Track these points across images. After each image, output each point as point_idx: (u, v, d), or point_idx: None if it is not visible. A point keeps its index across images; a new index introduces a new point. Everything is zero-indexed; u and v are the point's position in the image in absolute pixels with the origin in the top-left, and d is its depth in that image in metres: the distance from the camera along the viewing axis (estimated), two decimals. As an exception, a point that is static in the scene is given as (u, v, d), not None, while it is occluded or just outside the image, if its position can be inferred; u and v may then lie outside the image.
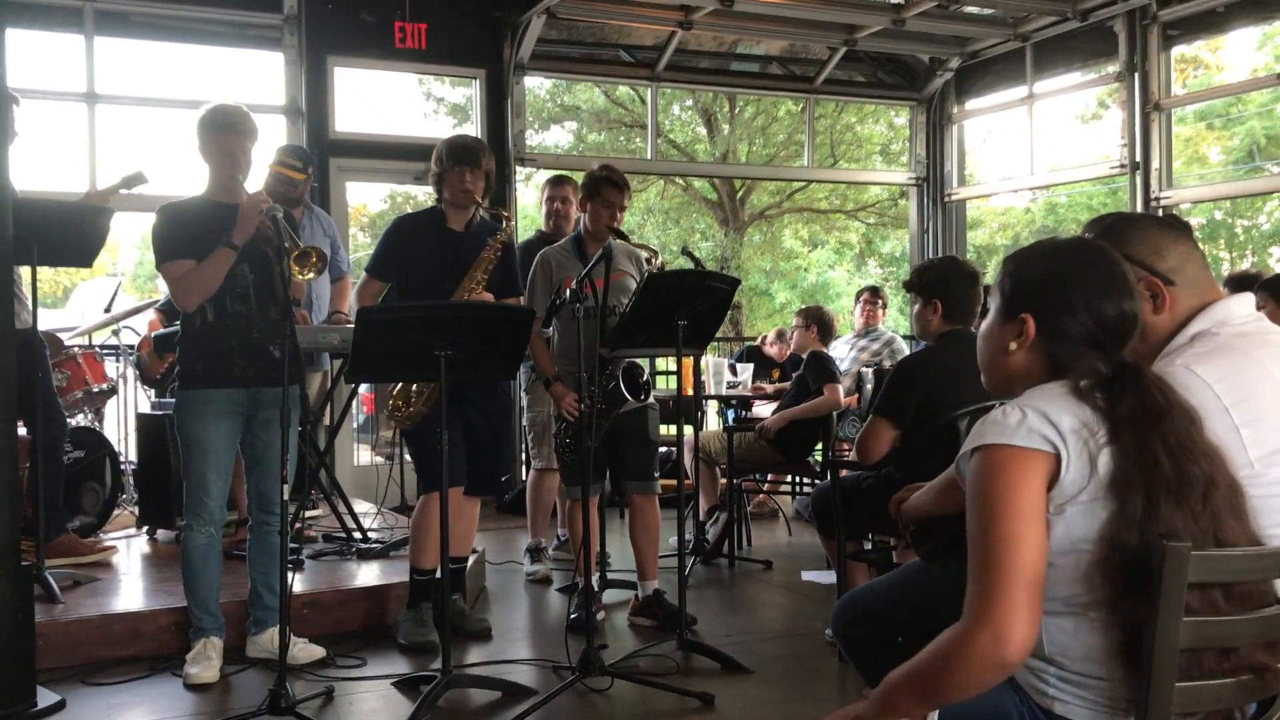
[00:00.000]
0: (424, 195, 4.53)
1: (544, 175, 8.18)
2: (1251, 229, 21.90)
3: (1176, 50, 8.64)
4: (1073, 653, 1.73)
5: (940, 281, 3.97)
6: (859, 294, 7.89)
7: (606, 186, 4.72)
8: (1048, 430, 1.70)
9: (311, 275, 3.89)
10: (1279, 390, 1.93)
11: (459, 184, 4.39)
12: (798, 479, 7.00)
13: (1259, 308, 2.18)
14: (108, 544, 5.29)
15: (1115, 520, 1.67)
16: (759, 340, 8.14)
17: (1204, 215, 20.45)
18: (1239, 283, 4.81)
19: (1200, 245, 2.24)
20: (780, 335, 7.81)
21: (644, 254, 5.09)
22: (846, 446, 6.58)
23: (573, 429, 4.55)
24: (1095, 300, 1.81)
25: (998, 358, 1.91)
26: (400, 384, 4.37)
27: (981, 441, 1.73)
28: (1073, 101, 18.99)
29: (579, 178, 5.87)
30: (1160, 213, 7.93)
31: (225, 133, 3.95)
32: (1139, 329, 1.87)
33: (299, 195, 5.66)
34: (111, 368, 6.54)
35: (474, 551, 5.07)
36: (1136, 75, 8.11)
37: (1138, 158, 8.16)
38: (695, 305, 4.23)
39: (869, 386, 6.21)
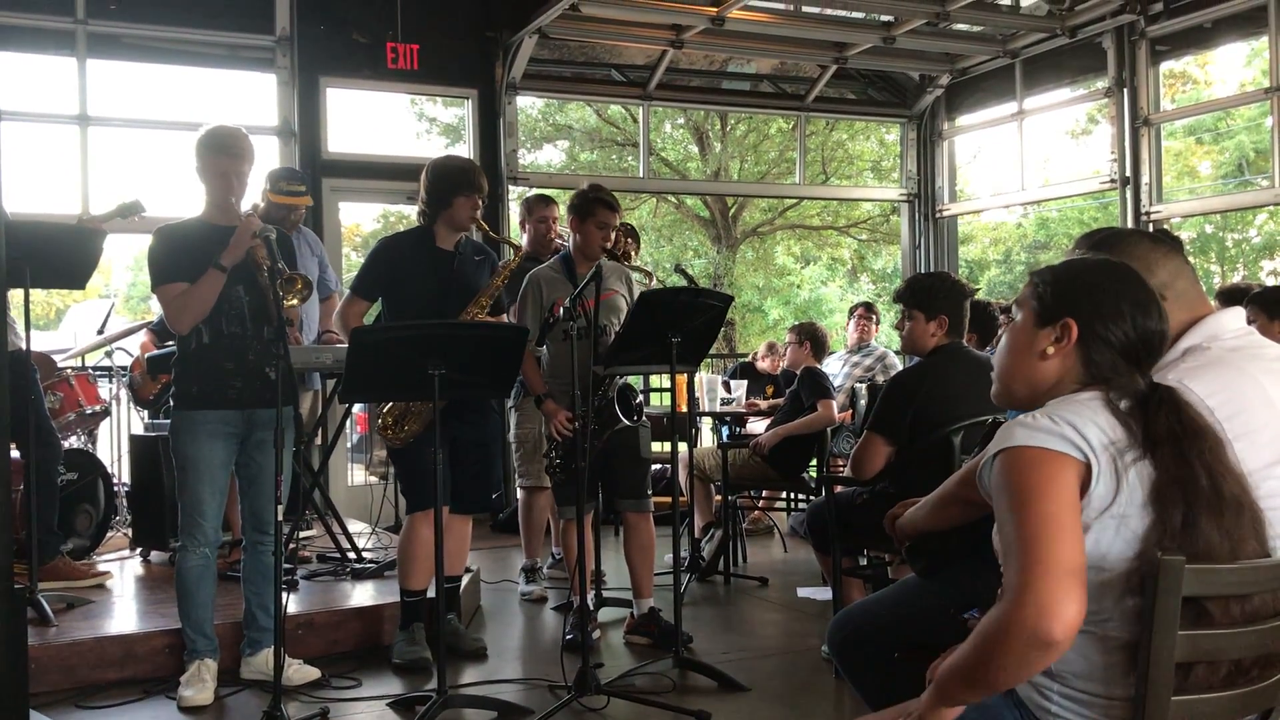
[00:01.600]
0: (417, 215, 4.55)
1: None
2: (1242, 242, 22.01)
3: (1165, 66, 8.71)
4: (1079, 669, 1.73)
5: (946, 296, 3.98)
6: (853, 309, 7.91)
7: (601, 208, 4.69)
8: (1078, 439, 1.69)
9: (296, 302, 3.89)
10: (1271, 404, 1.94)
11: (470, 211, 4.39)
12: (792, 495, 7.00)
13: (1249, 322, 2.19)
14: (102, 569, 5.26)
15: (1153, 533, 1.66)
16: (750, 356, 8.15)
17: (1194, 229, 20.55)
18: (1230, 296, 4.83)
19: (1191, 259, 2.26)
20: (771, 349, 7.83)
21: (638, 276, 5.09)
22: (841, 462, 6.58)
23: (561, 448, 4.55)
24: (1139, 313, 1.81)
25: (1028, 362, 1.87)
26: (390, 404, 4.37)
27: (1009, 444, 1.71)
28: (1063, 117, 19.11)
29: (561, 196, 5.85)
30: (1151, 227, 7.98)
31: (222, 155, 3.95)
32: (1162, 353, 1.87)
33: (299, 218, 5.66)
34: (105, 389, 6.52)
35: (468, 570, 5.06)
36: (1125, 91, 8.16)
37: (1128, 172, 8.20)
38: (689, 322, 4.23)
39: (862, 402, 6.23)
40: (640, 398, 4.65)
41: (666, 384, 4.75)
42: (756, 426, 6.98)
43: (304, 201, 5.64)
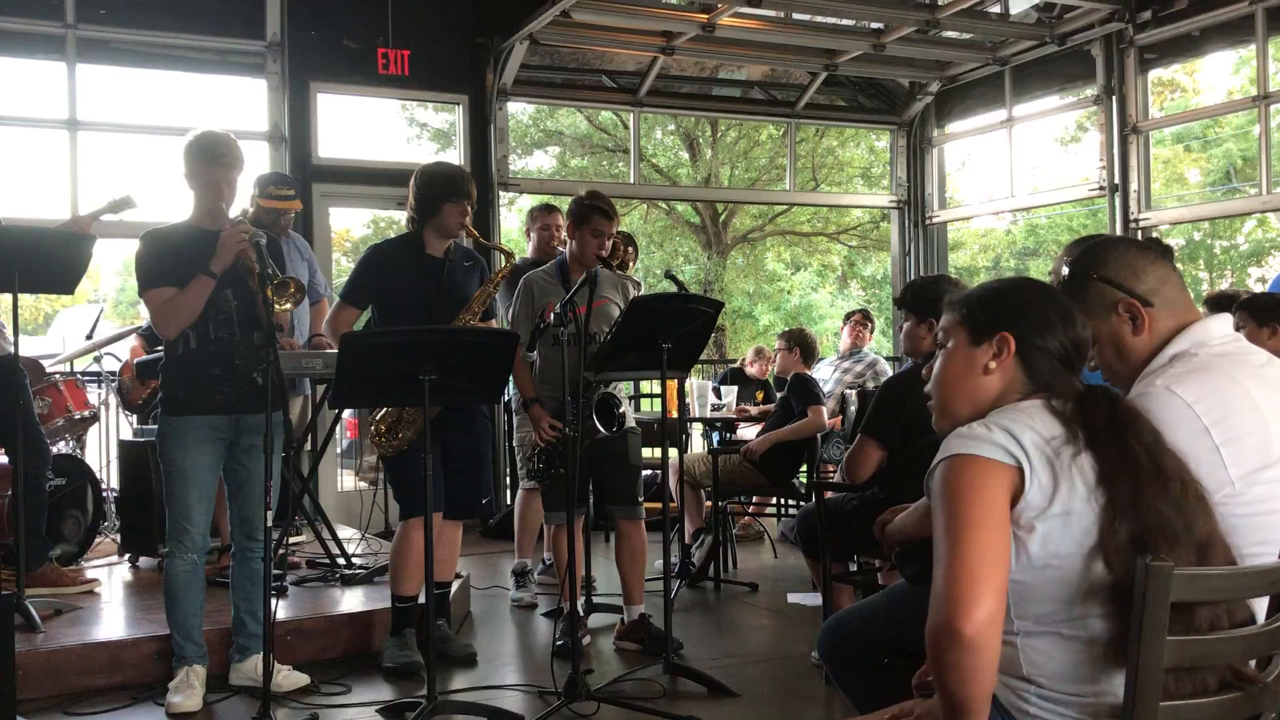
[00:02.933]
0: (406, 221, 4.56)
1: (526, 200, 8.22)
2: (1230, 249, 22.10)
3: (1153, 74, 8.74)
4: (1050, 671, 1.75)
5: (936, 300, 3.97)
6: (849, 315, 7.92)
7: (596, 215, 4.67)
8: (1010, 444, 1.73)
9: (289, 305, 3.88)
10: (1258, 410, 1.95)
11: (458, 217, 4.40)
12: (783, 501, 7.01)
13: (1237, 328, 2.20)
14: (90, 577, 5.23)
15: (1105, 516, 1.69)
16: (739, 362, 8.17)
17: (1183, 236, 20.63)
18: (1217, 303, 4.85)
19: (1179, 266, 2.27)
20: (759, 354, 7.83)
21: (629, 285, 5.09)
22: (831, 468, 6.59)
23: (545, 453, 4.55)
24: (1065, 321, 1.88)
25: (970, 381, 1.91)
26: (385, 411, 4.36)
27: (946, 453, 1.77)
28: (1052, 124, 19.17)
29: (561, 203, 5.87)
30: (1140, 234, 8.01)
31: (212, 162, 3.93)
32: (1117, 351, 1.92)
33: (289, 223, 5.64)
34: (93, 394, 6.50)
35: (458, 576, 5.05)
36: (1114, 98, 8.19)
37: (1116, 180, 8.23)
38: (679, 328, 4.24)
39: (852, 408, 6.23)
40: (624, 406, 4.64)
41: (657, 390, 4.77)
42: (747, 432, 6.99)
43: (294, 206, 5.63)
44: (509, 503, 7.43)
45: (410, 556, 4.34)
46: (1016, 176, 9.38)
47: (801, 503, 6.22)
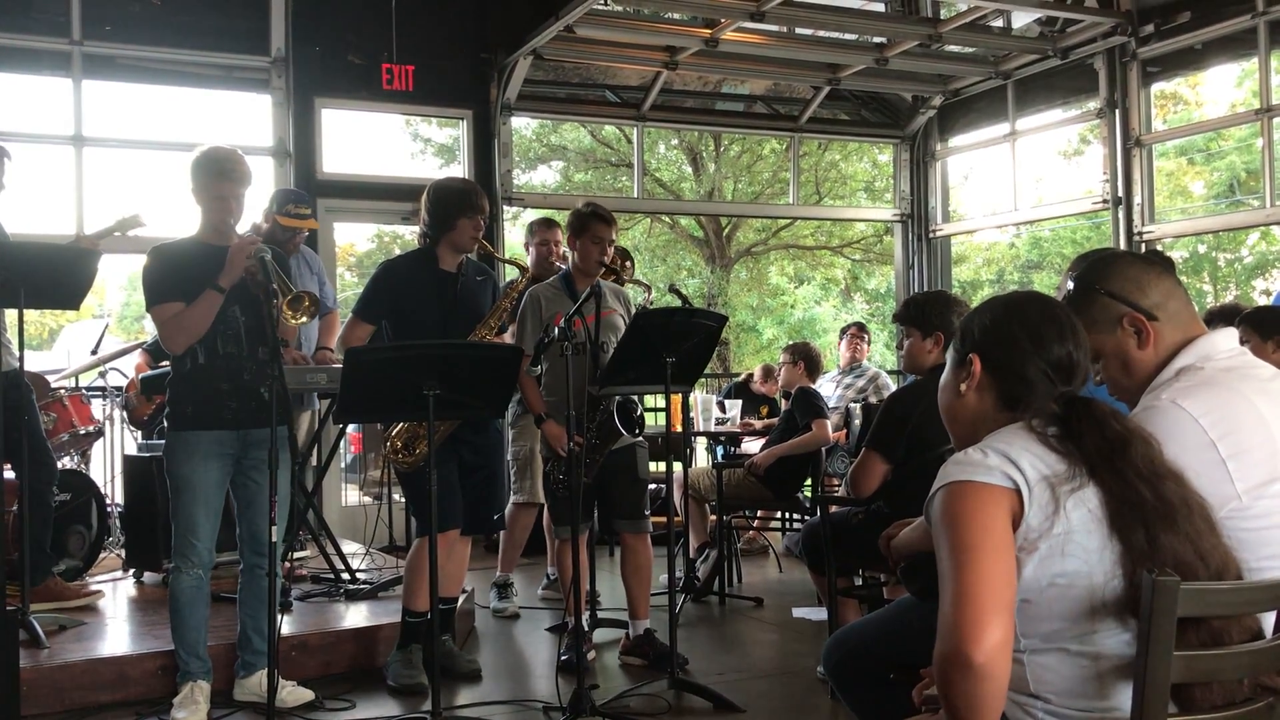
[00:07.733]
0: (411, 234, 4.56)
1: (530, 214, 8.22)
2: (1234, 262, 22.09)
3: (1156, 87, 8.75)
4: (1058, 688, 1.74)
5: (941, 314, 4.00)
6: (845, 329, 7.92)
7: (594, 222, 4.72)
8: (1009, 468, 1.73)
9: (304, 319, 3.89)
10: (1264, 423, 1.95)
11: (473, 232, 4.42)
12: (787, 515, 6.99)
13: (1242, 342, 2.20)
14: (93, 588, 5.24)
15: (1125, 562, 1.69)
16: (744, 376, 8.15)
17: (1187, 249, 20.62)
18: (1221, 316, 4.84)
19: (1183, 279, 2.27)
20: (768, 373, 7.82)
21: (636, 290, 5.11)
22: (836, 482, 6.58)
23: (565, 466, 4.55)
24: (1039, 339, 1.88)
25: (953, 402, 1.98)
26: (400, 426, 4.36)
27: (943, 481, 1.77)
28: (1055, 138, 19.21)
29: (560, 217, 5.90)
30: (1143, 247, 8.01)
31: (219, 179, 3.94)
32: (1084, 375, 1.92)
33: (300, 241, 5.66)
34: (98, 409, 6.51)
35: (464, 591, 5.05)
36: (1117, 111, 8.20)
37: (1120, 193, 8.23)
38: (683, 342, 4.24)
39: (856, 422, 6.23)
40: (640, 411, 4.66)
41: (661, 404, 4.77)
42: (751, 446, 6.98)
43: (310, 225, 5.64)
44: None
45: (426, 572, 4.33)
46: (1020, 190, 9.38)
47: (806, 517, 6.21)
